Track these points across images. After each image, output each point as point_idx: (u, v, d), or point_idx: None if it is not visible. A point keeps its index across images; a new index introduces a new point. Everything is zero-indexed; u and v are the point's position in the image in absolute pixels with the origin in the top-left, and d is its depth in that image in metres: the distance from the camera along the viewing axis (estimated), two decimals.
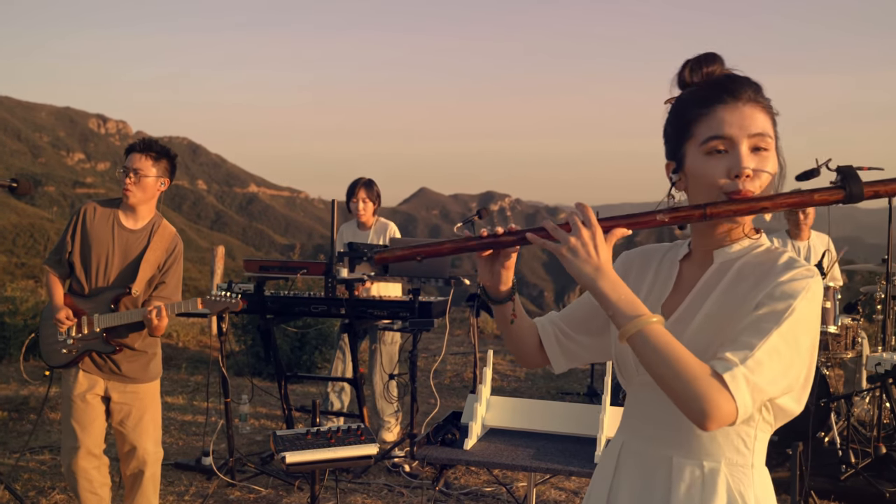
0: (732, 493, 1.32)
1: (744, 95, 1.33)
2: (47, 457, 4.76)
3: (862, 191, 1.27)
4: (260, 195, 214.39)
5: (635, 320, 1.24)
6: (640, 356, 1.25)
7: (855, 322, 5.00)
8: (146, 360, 3.47)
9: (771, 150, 1.34)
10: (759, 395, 1.22)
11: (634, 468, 1.42)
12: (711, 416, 1.18)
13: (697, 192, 1.36)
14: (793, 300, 1.25)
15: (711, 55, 1.40)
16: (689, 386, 1.19)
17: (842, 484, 4.28)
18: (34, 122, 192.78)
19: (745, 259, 1.38)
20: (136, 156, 3.38)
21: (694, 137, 1.35)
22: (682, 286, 1.44)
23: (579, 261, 1.28)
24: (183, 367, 7.41)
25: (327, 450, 2.22)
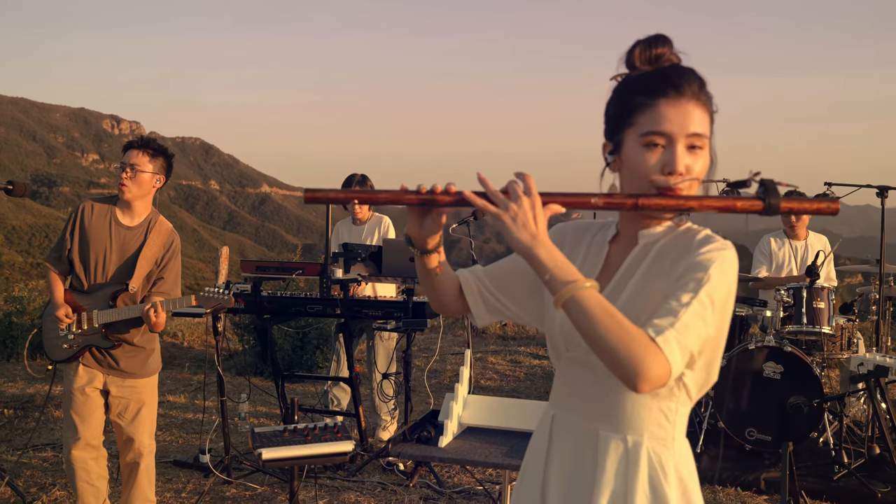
0: (654, 465, 1.39)
1: (688, 91, 1.37)
2: (49, 454, 4.83)
3: (779, 205, 1.33)
4: (272, 195, 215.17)
5: (570, 285, 1.28)
6: (574, 321, 1.28)
7: (850, 323, 5.00)
8: (144, 356, 3.55)
9: (705, 149, 1.39)
10: (688, 355, 1.28)
11: (566, 441, 1.48)
12: (644, 376, 1.23)
13: (630, 179, 1.41)
14: (708, 268, 1.32)
15: (661, 37, 1.42)
16: (623, 348, 1.23)
17: (834, 484, 4.29)
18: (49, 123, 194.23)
19: (666, 239, 1.44)
20: (133, 152, 3.44)
21: (634, 126, 1.39)
22: (609, 266, 1.50)
23: (517, 227, 1.31)
24: (186, 366, 7.49)
25: (303, 446, 2.27)
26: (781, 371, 4.60)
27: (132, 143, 3.49)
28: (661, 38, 1.42)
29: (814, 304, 4.78)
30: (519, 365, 7.80)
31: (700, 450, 4.67)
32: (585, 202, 1.37)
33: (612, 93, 1.46)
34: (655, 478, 1.38)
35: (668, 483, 1.38)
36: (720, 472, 4.49)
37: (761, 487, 4.36)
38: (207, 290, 3.60)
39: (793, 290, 4.88)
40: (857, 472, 4.31)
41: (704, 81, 1.40)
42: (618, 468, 1.40)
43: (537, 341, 8.93)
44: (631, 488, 1.38)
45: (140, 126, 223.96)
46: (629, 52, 1.43)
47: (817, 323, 4.78)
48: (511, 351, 8.41)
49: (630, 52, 1.43)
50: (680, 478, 1.40)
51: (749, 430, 4.65)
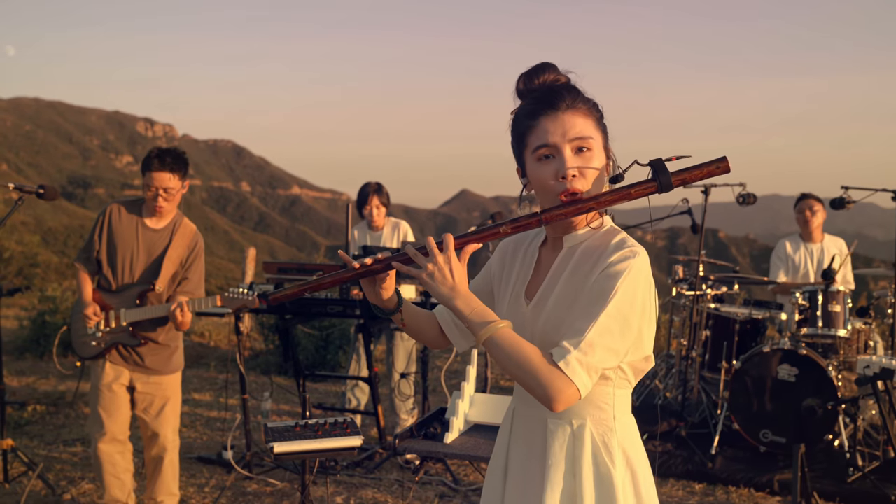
0: (597, 444, 1.54)
1: (562, 105, 1.52)
2: (79, 448, 5.00)
3: (670, 180, 1.46)
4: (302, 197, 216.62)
5: (486, 327, 1.46)
6: (493, 357, 1.46)
7: (867, 326, 5.00)
8: (169, 353, 3.68)
9: (594, 149, 1.53)
10: (595, 372, 1.43)
11: (522, 429, 1.64)
12: (556, 399, 1.41)
13: (538, 192, 1.57)
14: (616, 281, 1.45)
15: (543, 65, 1.59)
16: (534, 378, 1.41)
17: (848, 486, 4.31)
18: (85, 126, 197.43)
19: (587, 242, 1.57)
20: (161, 175, 3.49)
21: (528, 147, 1.56)
22: (541, 269, 1.64)
23: (436, 283, 1.50)
24: (212, 365, 7.65)
25: (314, 441, 2.38)
26: (796, 374, 4.62)
27: (151, 163, 3.51)
28: (543, 67, 1.59)
29: (829, 308, 4.79)
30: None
31: (715, 451, 4.71)
32: (495, 233, 1.53)
33: (510, 125, 1.63)
34: (598, 455, 1.54)
35: (613, 458, 1.53)
36: (734, 473, 4.53)
37: (775, 489, 4.38)
38: (232, 290, 3.72)
39: (808, 293, 4.89)
40: (872, 474, 4.32)
41: (578, 92, 1.56)
42: (565, 450, 1.55)
43: None
44: (578, 466, 1.53)
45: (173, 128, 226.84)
46: (517, 84, 1.61)
47: (833, 326, 4.79)
48: None
49: (516, 85, 1.61)
50: (624, 452, 1.55)
51: (764, 431, 4.68)
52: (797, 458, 3.72)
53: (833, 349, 4.94)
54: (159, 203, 3.54)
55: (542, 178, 1.53)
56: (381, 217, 5.36)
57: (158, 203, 3.54)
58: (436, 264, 1.49)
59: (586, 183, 1.51)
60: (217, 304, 3.66)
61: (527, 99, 1.58)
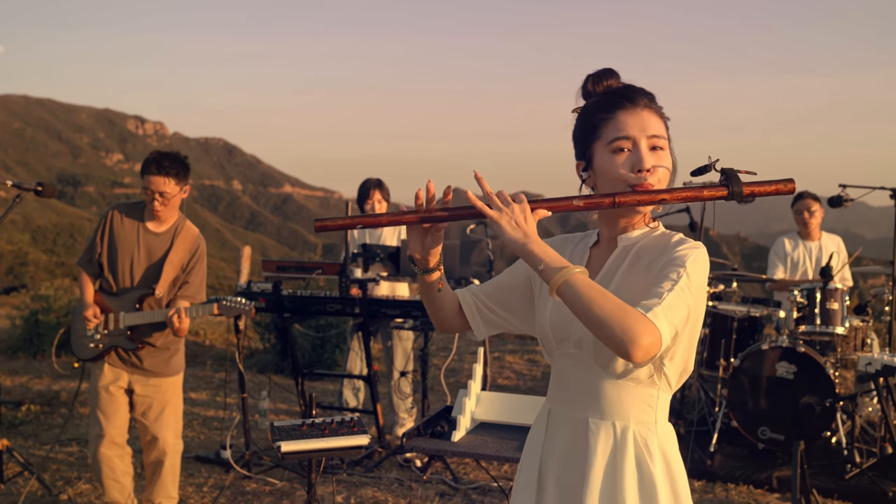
0: (640, 446, 1.53)
1: (641, 101, 1.56)
2: (75, 449, 4.97)
3: (742, 190, 1.48)
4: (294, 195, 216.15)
5: (562, 271, 1.42)
6: (569, 303, 1.42)
7: (864, 323, 5.01)
8: (168, 356, 3.66)
9: (666, 150, 1.57)
10: (672, 327, 1.42)
11: (561, 430, 1.62)
12: (637, 343, 1.35)
13: (605, 185, 1.57)
14: (685, 262, 1.47)
15: (609, 70, 1.63)
16: (617, 320, 1.36)
17: (846, 483, 4.32)
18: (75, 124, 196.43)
19: (643, 242, 1.59)
20: (158, 179, 3.47)
21: (601, 138, 1.56)
22: (591, 269, 1.64)
23: (512, 228, 1.48)
24: (208, 364, 7.62)
25: (321, 440, 2.36)
26: (795, 371, 4.63)
27: (150, 167, 3.48)
28: (609, 72, 1.63)
29: (827, 305, 4.81)
30: (536, 364, 7.86)
31: (714, 448, 4.72)
32: (568, 205, 1.53)
33: (575, 121, 1.65)
34: (641, 457, 1.53)
35: (653, 461, 1.53)
36: (733, 470, 4.54)
37: (773, 486, 4.40)
38: (229, 299, 3.71)
39: (806, 290, 4.91)
40: (870, 471, 4.33)
41: (654, 95, 1.60)
42: (608, 451, 1.54)
43: None
44: (619, 468, 1.52)
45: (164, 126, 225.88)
46: (583, 85, 1.64)
47: (830, 324, 4.80)
48: (528, 350, 8.47)
49: (584, 85, 1.64)
50: (664, 455, 1.55)
51: (762, 429, 4.69)
52: (797, 454, 3.73)
53: (831, 346, 4.95)
54: (156, 207, 3.52)
55: (614, 169, 1.54)
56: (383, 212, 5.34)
57: (155, 207, 3.52)
58: (512, 210, 1.48)
59: (658, 181, 1.54)
60: (214, 312, 3.65)
61: (598, 95, 1.61)
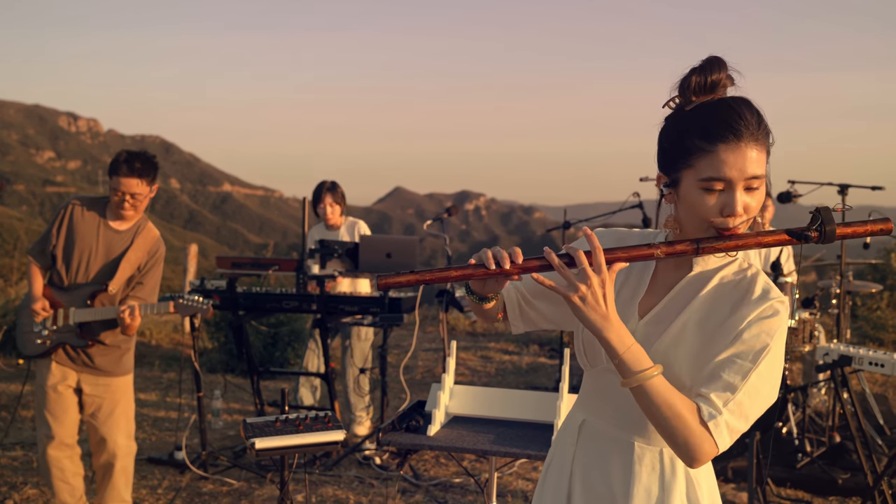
0: (690, 478, 1.48)
1: (746, 134, 1.35)
2: (19, 453, 4.78)
3: (834, 233, 1.36)
4: (234, 194, 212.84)
5: (640, 374, 1.33)
6: (638, 401, 1.36)
7: (812, 316, 5.15)
8: (119, 354, 3.55)
9: (761, 187, 1.39)
10: (737, 434, 1.35)
11: (595, 446, 1.54)
12: (697, 459, 1.34)
13: (688, 217, 1.42)
14: (770, 339, 1.36)
15: (715, 61, 1.40)
16: (682, 435, 1.33)
17: (797, 472, 4.44)
18: (2, 120, 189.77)
19: (722, 274, 1.46)
20: (130, 181, 3.37)
21: (693, 169, 1.37)
22: (657, 285, 1.51)
23: (588, 308, 1.34)
24: (156, 364, 7.43)
25: (295, 436, 2.31)
26: None
27: (119, 168, 3.38)
28: (716, 63, 1.40)
29: None
30: (489, 360, 7.88)
31: None
32: (648, 254, 1.39)
33: (666, 123, 1.45)
34: (692, 491, 1.47)
35: (702, 493, 1.48)
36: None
37: (729, 476, 4.48)
38: (187, 298, 3.62)
39: None
40: (819, 459, 4.46)
41: (762, 115, 1.39)
42: (653, 478, 1.47)
43: (507, 338, 9.03)
44: (668, 498, 1.46)
45: (98, 123, 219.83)
46: (684, 80, 1.41)
47: None
48: (481, 347, 8.50)
49: (685, 81, 1.41)
50: (710, 487, 1.51)
51: None
52: (752, 445, 3.81)
53: None
54: (126, 208, 3.43)
55: (702, 207, 1.37)
56: (336, 215, 5.29)
57: (125, 208, 3.43)
58: (590, 286, 1.33)
59: (747, 222, 1.39)
60: (170, 310, 3.56)
61: (698, 106, 1.39)
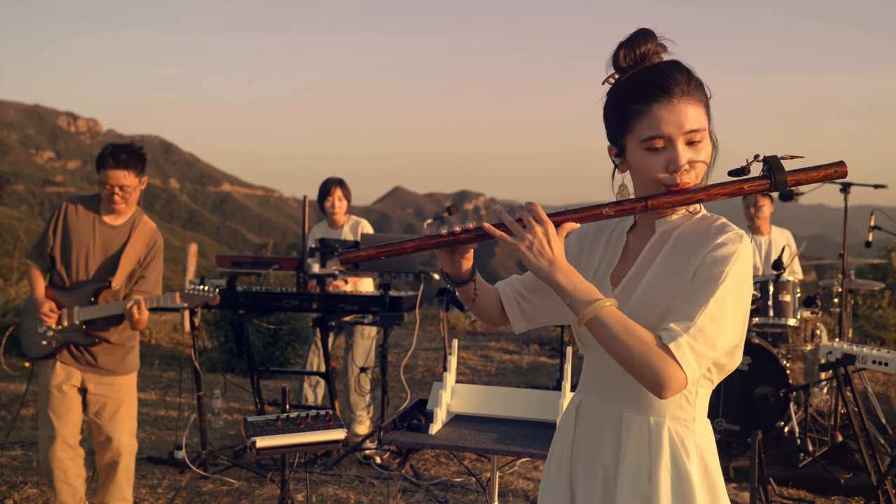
0: (675, 444, 1.46)
1: (677, 91, 1.41)
2: (19, 452, 4.77)
3: (786, 179, 1.38)
4: (233, 194, 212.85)
5: (591, 305, 1.36)
6: (596, 337, 1.38)
7: (814, 315, 5.14)
8: (123, 353, 3.54)
9: (705, 140, 1.44)
10: (703, 359, 1.35)
11: (592, 422, 1.56)
12: (666, 385, 1.33)
13: (638, 181, 1.48)
14: (725, 266, 1.37)
15: (642, 33, 1.47)
16: (643, 361, 1.33)
17: (799, 471, 4.42)
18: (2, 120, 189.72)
19: (682, 227, 1.50)
20: (117, 173, 3.37)
21: (633, 133, 1.44)
22: (628, 255, 1.57)
23: (535, 255, 1.40)
24: (156, 363, 7.42)
25: (296, 434, 2.30)
26: (749, 363, 4.72)
27: (106, 160, 3.39)
28: (643, 35, 1.46)
29: (780, 297, 4.91)
30: (490, 360, 7.87)
31: None
32: (597, 214, 1.44)
33: (606, 97, 1.51)
34: (678, 455, 1.46)
35: (690, 461, 1.45)
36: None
37: (730, 475, 4.47)
38: (192, 286, 3.61)
39: (759, 283, 5.01)
40: (821, 459, 4.45)
41: (692, 73, 1.44)
42: (641, 447, 1.47)
43: (507, 337, 9.02)
44: (655, 466, 1.45)
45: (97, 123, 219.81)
46: (614, 55, 1.47)
47: (783, 315, 4.91)
48: (481, 346, 8.49)
49: (615, 56, 1.47)
50: (701, 455, 1.48)
51: (718, 420, 4.76)
52: (755, 445, 3.79)
53: (783, 338, 5.06)
54: (116, 201, 3.42)
55: (649, 168, 1.43)
56: (343, 211, 5.27)
57: (115, 201, 3.42)
58: (534, 235, 1.39)
59: (695, 176, 1.43)
60: (177, 300, 3.54)
61: (631, 75, 1.46)
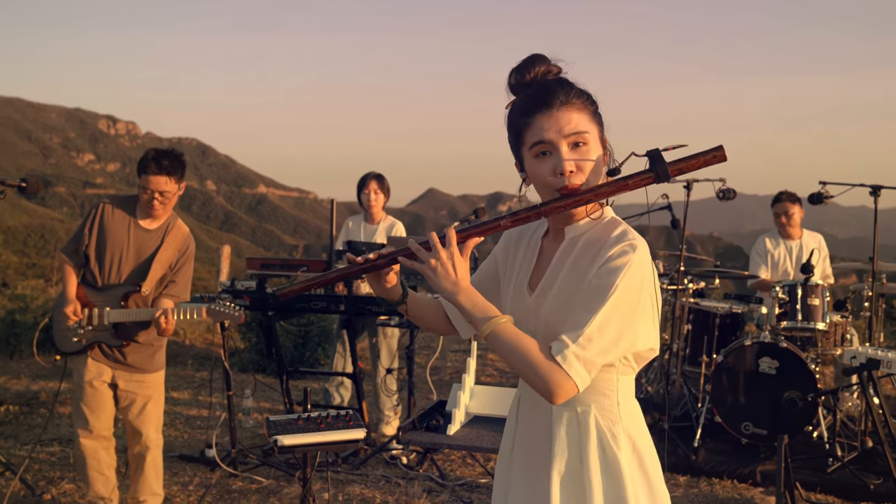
0: (601, 429, 1.55)
1: (556, 102, 1.53)
2: (57, 448, 4.90)
3: (667, 170, 1.46)
4: (269, 196, 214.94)
5: (488, 322, 1.48)
6: (494, 350, 1.48)
7: (844, 319, 5.09)
8: (151, 352, 3.64)
9: (590, 143, 1.54)
10: (593, 366, 1.45)
11: (528, 417, 1.66)
12: (555, 393, 1.43)
13: (536, 188, 1.60)
14: (615, 277, 1.46)
15: (533, 58, 1.59)
16: (533, 372, 1.44)
17: (828, 476, 4.38)
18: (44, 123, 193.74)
19: (588, 234, 1.58)
20: (158, 179, 3.44)
21: (524, 143, 1.57)
22: (543, 260, 1.65)
23: (439, 278, 1.51)
24: (189, 363, 7.56)
25: (317, 433, 2.36)
26: (777, 366, 4.69)
27: (148, 166, 3.45)
28: (534, 60, 1.59)
29: (808, 301, 4.87)
30: None
31: (698, 443, 4.76)
32: (497, 226, 1.55)
33: (507, 120, 1.63)
34: (605, 441, 1.55)
35: (618, 445, 1.54)
36: (717, 465, 4.58)
37: (757, 480, 4.45)
38: (219, 303, 3.69)
39: (788, 286, 4.97)
40: (851, 464, 4.40)
41: (572, 85, 1.56)
42: (570, 436, 1.56)
43: None
44: (584, 452, 1.54)
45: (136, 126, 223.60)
46: (508, 80, 1.61)
47: (812, 319, 4.86)
48: None
49: (508, 80, 1.61)
50: (629, 437, 1.56)
51: (745, 424, 4.74)
52: (781, 449, 3.77)
53: (812, 342, 5.02)
54: (155, 206, 3.50)
55: (539, 174, 1.55)
56: (379, 206, 5.31)
57: (154, 206, 3.50)
58: (438, 259, 1.50)
59: (583, 177, 1.53)
60: (203, 316, 3.62)
61: (521, 95, 1.59)
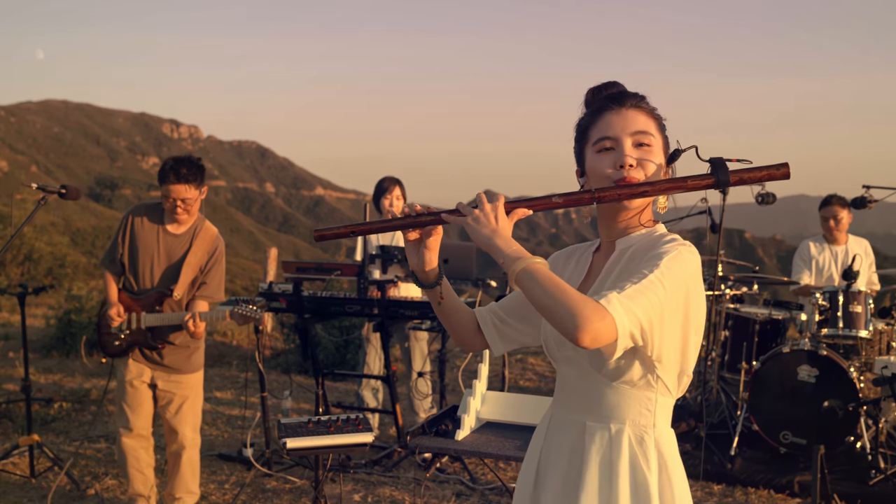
0: (634, 450, 1.52)
1: (627, 102, 1.58)
2: (103, 445, 5.07)
3: (728, 178, 1.45)
4: (326, 198, 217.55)
5: (520, 260, 1.42)
6: (526, 292, 1.41)
7: (889, 327, 4.94)
8: (188, 353, 3.75)
9: (654, 146, 1.57)
10: (633, 316, 1.37)
11: (560, 434, 1.63)
12: (585, 327, 1.31)
13: (595, 185, 1.58)
14: (664, 255, 1.45)
15: (611, 83, 1.66)
16: (566, 305, 1.33)
17: (870, 488, 4.26)
18: (112, 128, 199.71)
19: (638, 244, 1.58)
20: (178, 187, 3.53)
21: (589, 140, 1.60)
22: (592, 273, 1.66)
23: (479, 226, 1.48)
24: (234, 363, 7.72)
25: (325, 437, 2.41)
26: (816, 374, 4.58)
27: (167, 175, 3.53)
28: (611, 84, 1.65)
29: (850, 308, 4.74)
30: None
31: (734, 451, 4.68)
32: (548, 203, 1.53)
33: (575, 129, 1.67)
34: (635, 460, 1.52)
35: (649, 465, 1.51)
36: (753, 474, 4.49)
37: (795, 490, 4.35)
38: (241, 306, 3.77)
39: (829, 293, 4.84)
40: (894, 477, 4.27)
41: (644, 97, 1.61)
42: (602, 454, 1.53)
43: None
44: (614, 472, 1.51)
45: (198, 130, 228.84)
46: (585, 96, 1.67)
47: (854, 327, 4.73)
48: None
49: (585, 97, 1.67)
50: (660, 459, 1.53)
51: (784, 433, 4.64)
52: (816, 459, 3.69)
53: (854, 350, 4.88)
54: (178, 213, 3.61)
55: (599, 167, 1.56)
56: (398, 210, 5.34)
57: (178, 213, 3.61)
58: (483, 210, 1.50)
59: (643, 175, 1.54)
60: (226, 318, 3.71)
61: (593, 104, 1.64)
